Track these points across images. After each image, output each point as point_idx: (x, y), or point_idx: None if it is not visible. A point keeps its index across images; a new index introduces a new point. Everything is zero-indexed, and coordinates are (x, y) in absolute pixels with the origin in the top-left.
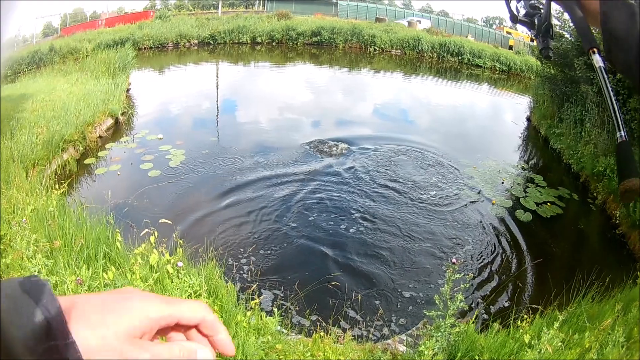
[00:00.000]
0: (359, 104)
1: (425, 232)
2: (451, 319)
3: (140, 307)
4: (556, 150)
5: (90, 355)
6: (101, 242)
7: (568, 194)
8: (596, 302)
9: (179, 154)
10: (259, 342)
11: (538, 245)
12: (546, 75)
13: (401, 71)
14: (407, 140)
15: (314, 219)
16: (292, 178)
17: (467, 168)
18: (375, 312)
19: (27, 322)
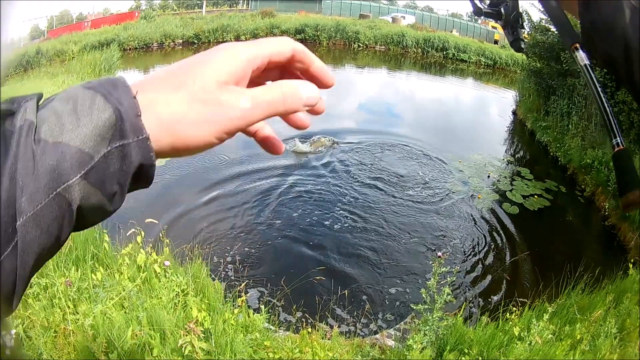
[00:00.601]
0: (344, 100)
1: (411, 227)
2: (439, 312)
3: (226, 51)
4: (543, 143)
5: (179, 124)
6: (89, 243)
7: (555, 187)
8: (586, 294)
9: None
10: (247, 340)
11: (525, 238)
12: (532, 68)
13: (385, 67)
14: (392, 135)
15: (298, 215)
16: (277, 174)
17: (453, 162)
18: (362, 307)
19: (90, 120)
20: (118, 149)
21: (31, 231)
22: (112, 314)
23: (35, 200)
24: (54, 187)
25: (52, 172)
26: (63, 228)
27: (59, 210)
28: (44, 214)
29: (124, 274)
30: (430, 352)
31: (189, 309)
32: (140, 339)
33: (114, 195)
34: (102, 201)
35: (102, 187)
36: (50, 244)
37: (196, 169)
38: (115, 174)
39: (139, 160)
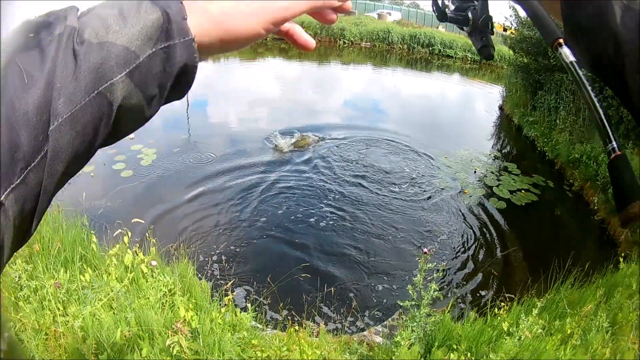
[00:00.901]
0: (329, 96)
1: (398, 223)
2: (426, 308)
3: None
4: (530, 138)
5: (229, 17)
6: (77, 244)
7: (543, 182)
8: (576, 288)
9: (151, 153)
10: (235, 339)
11: (513, 233)
12: (519, 64)
13: (371, 63)
14: (378, 131)
15: (282, 212)
16: (262, 172)
17: (439, 158)
18: (349, 305)
19: (138, 21)
20: (163, 50)
21: (65, 135)
22: (101, 315)
23: (73, 101)
24: (97, 86)
25: (95, 70)
26: (99, 131)
27: (98, 111)
28: (82, 115)
29: (112, 275)
30: (419, 348)
31: (176, 309)
32: (129, 340)
33: (152, 99)
34: (141, 103)
35: (143, 88)
36: (83, 150)
37: (182, 167)
38: (158, 75)
39: (184, 60)
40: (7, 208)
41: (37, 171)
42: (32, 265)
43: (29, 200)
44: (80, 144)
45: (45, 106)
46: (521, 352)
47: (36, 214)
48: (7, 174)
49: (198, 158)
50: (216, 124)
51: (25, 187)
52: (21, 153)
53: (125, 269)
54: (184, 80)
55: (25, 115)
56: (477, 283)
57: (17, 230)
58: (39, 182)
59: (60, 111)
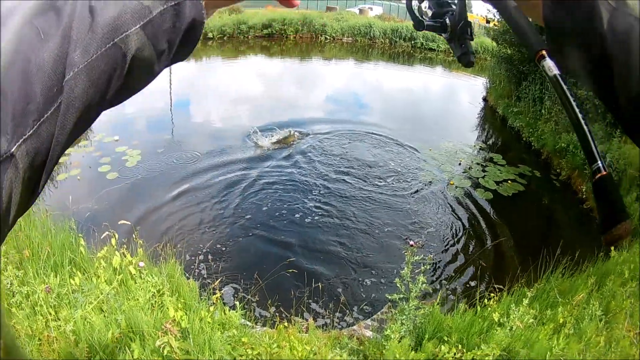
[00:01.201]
0: (312, 92)
1: (384, 217)
2: (415, 301)
3: None
4: (515, 128)
5: None
6: (66, 248)
7: (529, 172)
8: (566, 278)
9: (135, 154)
10: (225, 337)
11: (501, 223)
12: (502, 55)
13: (353, 58)
14: (361, 126)
15: (267, 209)
16: (246, 170)
17: (423, 150)
18: (338, 300)
19: None
20: (174, 7)
21: (80, 84)
22: (92, 318)
23: (89, 51)
24: (112, 37)
25: (112, 23)
26: (111, 83)
27: (113, 62)
28: (98, 64)
29: (101, 277)
30: (409, 341)
31: (165, 309)
32: (120, 342)
33: (162, 54)
34: (152, 56)
35: (155, 42)
36: (95, 101)
37: (166, 167)
38: (168, 31)
39: (192, 16)
40: (17, 160)
41: (49, 123)
42: (23, 271)
43: (40, 153)
44: (93, 94)
45: (61, 59)
46: (513, 342)
47: (45, 170)
48: (20, 125)
49: (182, 158)
50: (199, 123)
51: (37, 139)
52: (34, 104)
53: (114, 271)
54: (192, 36)
55: (41, 67)
56: (466, 274)
57: (26, 187)
58: (51, 135)
59: (76, 61)
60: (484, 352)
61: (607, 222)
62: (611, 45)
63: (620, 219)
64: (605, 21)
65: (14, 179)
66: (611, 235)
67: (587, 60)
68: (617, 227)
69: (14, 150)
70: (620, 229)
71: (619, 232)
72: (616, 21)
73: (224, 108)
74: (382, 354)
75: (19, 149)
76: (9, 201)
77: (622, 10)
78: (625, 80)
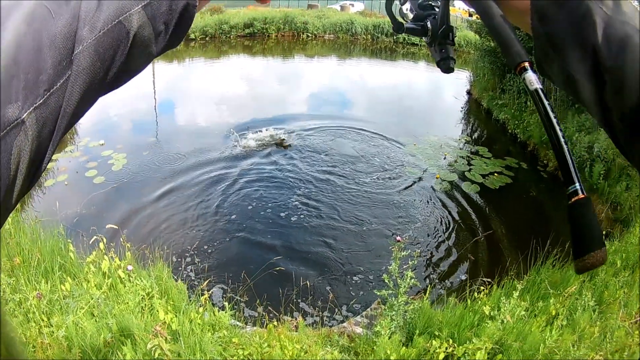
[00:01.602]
0: (295, 91)
1: (371, 213)
2: (404, 296)
3: None
4: (500, 121)
5: None
6: (55, 254)
7: (516, 164)
8: (557, 269)
9: (121, 158)
10: (215, 338)
11: (489, 216)
12: (486, 48)
13: (335, 55)
14: (345, 122)
15: (253, 209)
16: (230, 169)
17: (408, 145)
18: (327, 297)
19: None
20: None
21: (87, 58)
22: (83, 324)
23: (97, 27)
24: (118, 15)
25: (117, 3)
26: (115, 58)
27: (118, 38)
28: (104, 40)
29: (91, 282)
30: (400, 337)
31: (155, 312)
32: (112, 346)
33: (159, 35)
34: (151, 36)
35: (153, 22)
36: (100, 76)
37: (152, 170)
38: (164, 13)
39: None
40: (27, 127)
41: (58, 95)
42: (14, 278)
43: (47, 124)
44: (99, 68)
45: (70, 35)
46: (505, 335)
47: (51, 141)
48: (31, 94)
49: (167, 159)
50: (183, 125)
51: (46, 109)
52: (45, 75)
53: (103, 275)
54: (186, 18)
55: (52, 42)
56: (455, 268)
57: (33, 158)
58: (59, 107)
59: (85, 37)
60: (475, 346)
61: (581, 248)
62: (606, 56)
63: (595, 247)
64: (599, 31)
65: (23, 146)
66: (584, 263)
67: (578, 72)
68: (591, 255)
69: (24, 117)
70: (594, 257)
71: (592, 260)
72: (612, 31)
73: (208, 109)
74: (373, 350)
75: (29, 117)
76: (17, 169)
77: (619, 19)
78: (619, 94)
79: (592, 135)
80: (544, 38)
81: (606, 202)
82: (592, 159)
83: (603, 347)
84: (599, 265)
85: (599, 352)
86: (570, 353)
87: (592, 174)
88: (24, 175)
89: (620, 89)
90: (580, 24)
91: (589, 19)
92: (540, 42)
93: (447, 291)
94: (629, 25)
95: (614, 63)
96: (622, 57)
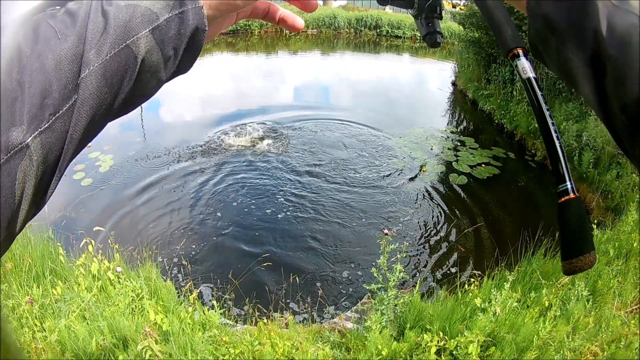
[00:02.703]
0: (279, 86)
1: (358, 208)
2: (393, 290)
3: None
4: (486, 111)
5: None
6: (46, 258)
7: (503, 154)
8: (549, 259)
9: (108, 159)
10: (206, 337)
11: (478, 207)
12: (470, 39)
13: (318, 50)
14: (330, 116)
15: (240, 207)
16: (215, 166)
17: (394, 138)
18: (316, 294)
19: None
20: (178, 15)
21: (94, 82)
22: (75, 327)
23: (103, 51)
24: (125, 38)
25: (124, 26)
26: (123, 84)
27: (125, 63)
28: (111, 64)
29: (82, 285)
30: (391, 331)
31: (146, 313)
32: (104, 349)
33: (168, 60)
34: (159, 61)
35: (162, 47)
36: (108, 102)
37: (139, 170)
38: (173, 37)
39: (195, 24)
40: (32, 152)
41: (64, 119)
42: (6, 284)
43: (53, 149)
44: (106, 93)
45: (76, 58)
46: (497, 327)
47: (58, 167)
48: (36, 118)
49: (153, 159)
50: (169, 124)
51: (52, 134)
52: (51, 99)
53: (93, 277)
54: (195, 43)
55: (58, 64)
56: (444, 260)
57: (38, 183)
58: (65, 132)
59: (91, 60)
60: (467, 339)
61: (570, 251)
62: (609, 44)
63: (585, 250)
64: (602, 17)
65: (28, 171)
66: (572, 265)
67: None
68: (580, 259)
69: (29, 141)
70: (583, 261)
71: (581, 264)
72: (617, 19)
73: (193, 107)
74: (365, 345)
75: (34, 141)
76: (22, 195)
77: (624, 7)
78: (621, 84)
79: (581, 124)
80: (541, 20)
81: (596, 190)
82: (581, 148)
83: (598, 338)
84: (587, 269)
85: (594, 343)
86: (565, 344)
87: (582, 162)
88: (29, 201)
89: (623, 79)
90: (582, 7)
91: (592, 3)
92: (537, 24)
93: (438, 284)
94: (634, 14)
95: (617, 52)
96: (626, 47)
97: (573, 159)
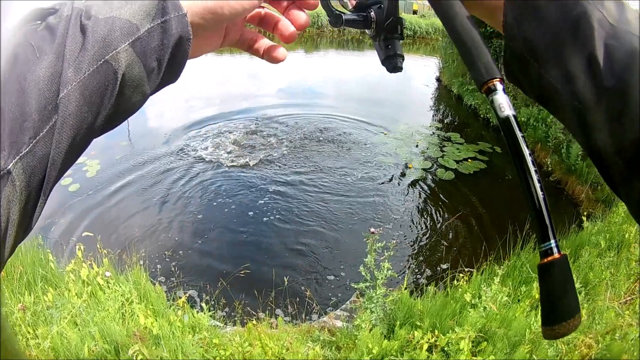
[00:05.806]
0: (263, 86)
1: (345, 207)
2: (382, 288)
3: None
4: (471, 106)
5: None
6: (36, 265)
7: (490, 148)
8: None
9: (94, 164)
10: (196, 340)
11: (465, 202)
12: None
13: (302, 49)
14: (315, 115)
15: (226, 209)
16: (201, 168)
17: (379, 135)
18: (304, 294)
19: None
20: (160, 25)
21: (73, 102)
22: (67, 333)
23: (82, 69)
24: (103, 54)
25: (102, 40)
26: (104, 101)
27: (105, 79)
28: (90, 82)
29: (72, 291)
30: (381, 329)
31: (136, 317)
32: (97, 354)
33: (152, 72)
34: (142, 74)
35: (144, 59)
36: (89, 121)
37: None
38: (156, 48)
39: (179, 33)
40: (14, 177)
41: (45, 142)
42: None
43: (36, 172)
44: (87, 112)
45: (55, 77)
46: (488, 322)
47: (42, 191)
48: (16, 143)
49: (140, 162)
50: (155, 127)
51: (33, 158)
52: (30, 122)
53: (83, 283)
54: (180, 52)
55: (36, 85)
56: (433, 257)
57: (24, 208)
58: (47, 154)
59: (70, 79)
60: (458, 335)
61: (553, 317)
62: (605, 74)
63: (569, 316)
64: (599, 40)
65: (12, 197)
66: (554, 332)
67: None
68: (562, 325)
69: (10, 167)
70: (566, 327)
71: (564, 330)
72: (616, 43)
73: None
74: (355, 344)
75: (15, 166)
76: (7, 220)
77: (624, 29)
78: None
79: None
80: (521, 42)
81: (585, 182)
82: (569, 140)
83: (592, 330)
84: (570, 333)
85: (588, 335)
86: None
87: (570, 155)
88: (15, 226)
89: (620, 116)
90: (574, 30)
91: (585, 23)
92: (515, 45)
93: (427, 280)
94: (635, 36)
95: (615, 84)
96: (626, 78)
97: (561, 152)
